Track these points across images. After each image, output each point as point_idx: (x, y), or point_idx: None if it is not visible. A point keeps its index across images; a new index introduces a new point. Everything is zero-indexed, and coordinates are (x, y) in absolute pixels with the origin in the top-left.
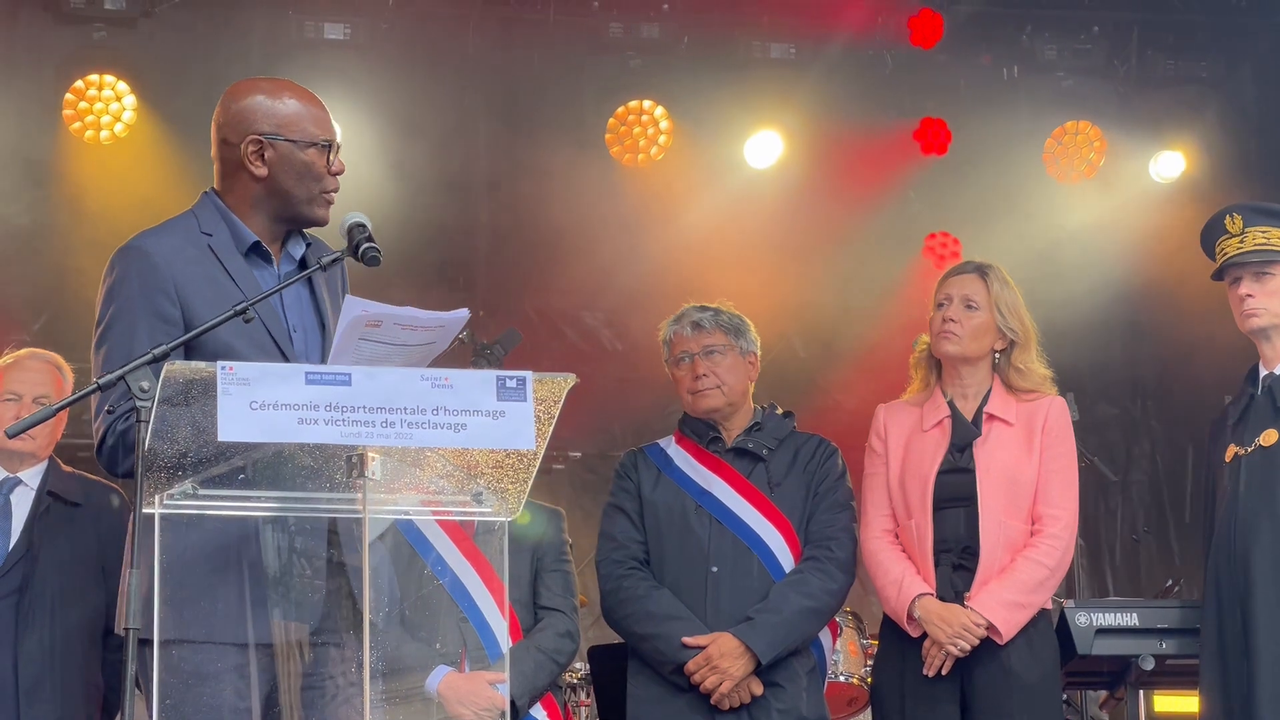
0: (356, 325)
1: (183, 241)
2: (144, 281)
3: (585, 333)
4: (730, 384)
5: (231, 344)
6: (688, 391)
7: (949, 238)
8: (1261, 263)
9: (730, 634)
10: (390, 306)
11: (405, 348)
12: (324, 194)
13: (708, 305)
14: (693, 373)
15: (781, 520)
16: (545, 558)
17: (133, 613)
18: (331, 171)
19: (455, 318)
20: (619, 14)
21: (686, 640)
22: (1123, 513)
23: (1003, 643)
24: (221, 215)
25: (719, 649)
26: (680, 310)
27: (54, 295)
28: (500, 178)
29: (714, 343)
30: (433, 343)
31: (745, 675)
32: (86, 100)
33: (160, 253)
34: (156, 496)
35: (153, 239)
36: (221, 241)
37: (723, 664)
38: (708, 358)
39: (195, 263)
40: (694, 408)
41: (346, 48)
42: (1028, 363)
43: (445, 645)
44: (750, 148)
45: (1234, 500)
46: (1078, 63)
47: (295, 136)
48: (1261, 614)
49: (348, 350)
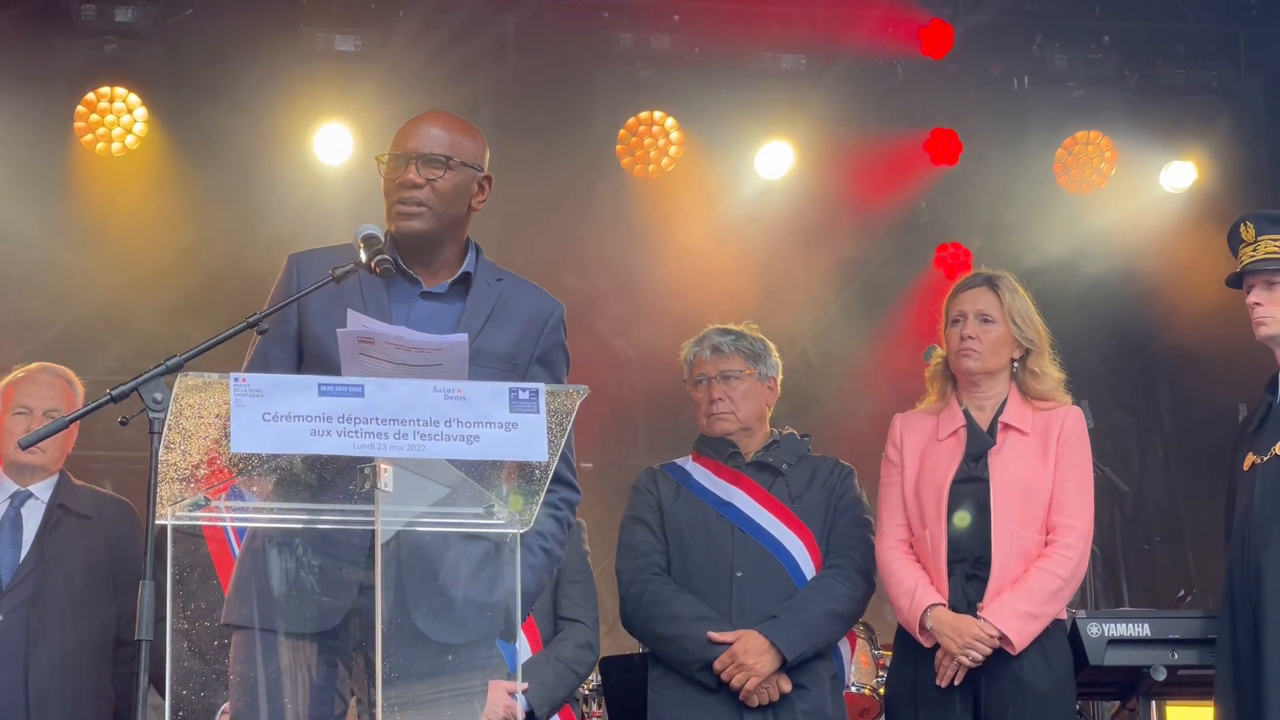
0: (350, 340)
1: (334, 257)
2: (277, 291)
3: (598, 343)
4: (745, 411)
5: (329, 347)
6: (703, 414)
7: (960, 248)
8: (1272, 271)
9: (756, 631)
10: (383, 326)
11: (406, 367)
12: (394, 206)
13: (731, 328)
14: (709, 396)
15: (803, 529)
16: (566, 568)
17: (145, 624)
18: (398, 182)
19: (451, 342)
20: (630, 25)
21: (712, 635)
22: (1138, 520)
23: (1015, 653)
24: (384, 239)
25: (744, 645)
26: (703, 331)
27: (65, 307)
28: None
29: (732, 368)
30: (439, 365)
31: (771, 671)
32: (98, 112)
33: (300, 264)
34: (169, 508)
35: (305, 253)
36: None
37: (748, 660)
38: (724, 383)
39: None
40: (709, 430)
41: (357, 60)
42: (1043, 366)
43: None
44: (761, 158)
45: (1249, 509)
46: (1088, 73)
47: (382, 161)
48: (1272, 622)
49: (352, 366)
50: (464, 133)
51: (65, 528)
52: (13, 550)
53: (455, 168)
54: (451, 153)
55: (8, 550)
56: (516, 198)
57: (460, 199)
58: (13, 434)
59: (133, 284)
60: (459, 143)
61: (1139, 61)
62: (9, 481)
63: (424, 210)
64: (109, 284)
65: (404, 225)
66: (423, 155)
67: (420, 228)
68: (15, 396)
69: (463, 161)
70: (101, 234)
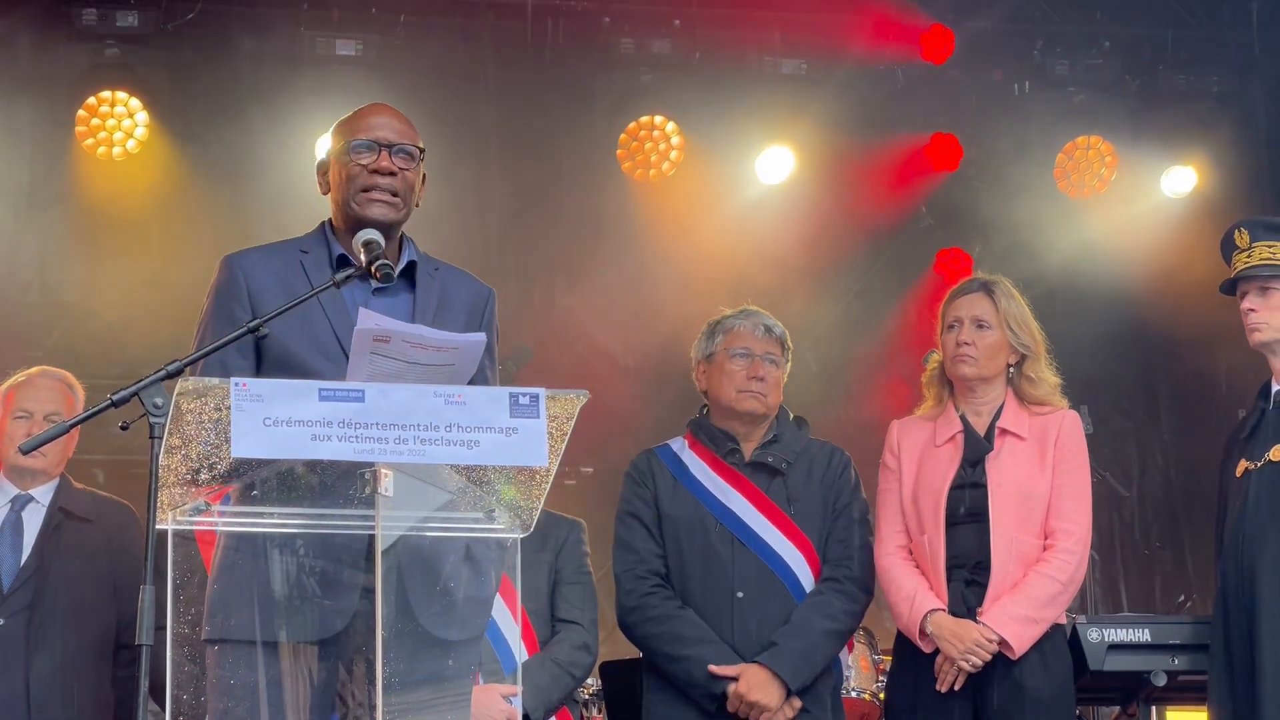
0: (365, 338)
1: (273, 256)
2: (220, 294)
3: (598, 349)
4: (773, 399)
5: (300, 354)
6: (737, 388)
7: (960, 253)
8: (1266, 278)
9: (758, 664)
10: (400, 323)
11: (419, 366)
12: (362, 192)
13: (767, 313)
14: (752, 372)
15: (802, 540)
16: (564, 569)
17: (146, 629)
18: (371, 169)
19: (469, 340)
20: (630, 30)
21: (715, 670)
22: (1137, 527)
23: (1015, 658)
24: (323, 234)
25: (748, 683)
26: (741, 307)
27: (66, 311)
28: (511, 194)
29: (775, 353)
30: (451, 364)
31: (782, 701)
32: (99, 117)
33: (243, 265)
34: (170, 512)
35: (242, 253)
36: (315, 258)
37: (758, 697)
38: (767, 363)
39: (279, 275)
40: (737, 404)
41: (358, 64)
42: (1039, 372)
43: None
44: (762, 163)
45: (1243, 515)
46: (1089, 78)
47: (334, 151)
48: (1267, 629)
49: (361, 365)
50: (414, 128)
51: (66, 532)
52: (13, 554)
53: (419, 160)
54: (418, 145)
55: (8, 554)
56: (516, 202)
57: (417, 192)
58: (13, 438)
59: (134, 288)
60: (416, 137)
61: (1140, 67)
62: (10, 485)
63: (398, 200)
64: (110, 288)
65: (381, 213)
66: (394, 145)
67: (395, 217)
68: (16, 400)
69: (422, 156)
70: (103, 238)
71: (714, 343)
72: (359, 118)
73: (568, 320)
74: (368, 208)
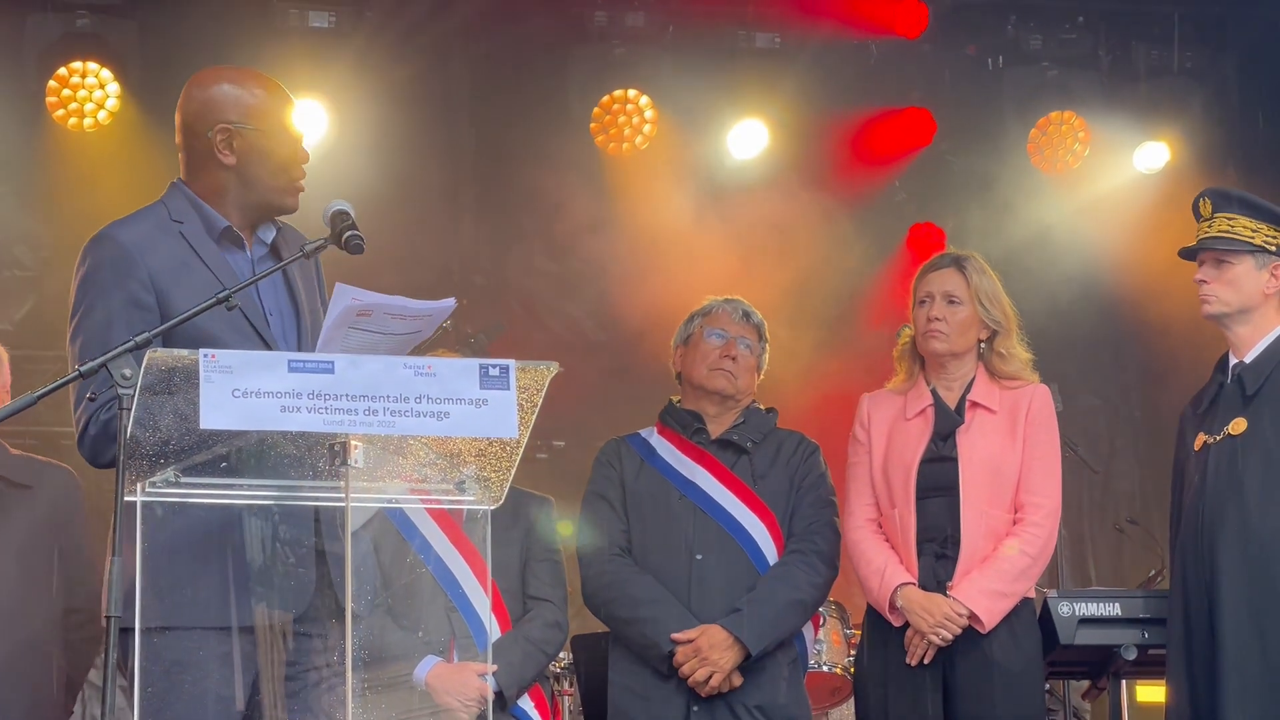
0: (348, 315)
1: (154, 229)
2: (117, 270)
3: (569, 323)
4: (744, 382)
5: (208, 329)
6: (709, 366)
7: (933, 228)
8: (1223, 250)
9: (719, 625)
10: (381, 295)
11: (391, 336)
12: (293, 183)
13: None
14: (725, 351)
15: (765, 511)
16: (534, 547)
17: (114, 601)
18: (299, 160)
19: (443, 307)
20: (603, 2)
21: (675, 635)
22: (1106, 502)
23: (985, 632)
24: (191, 203)
25: (708, 640)
26: (728, 297)
27: (37, 284)
28: (484, 166)
29: (749, 338)
30: (418, 331)
31: (734, 666)
32: (70, 88)
33: (132, 241)
34: (139, 484)
35: (124, 228)
36: (193, 229)
37: (712, 655)
38: (741, 346)
39: (168, 250)
40: (707, 381)
41: (331, 36)
42: (1010, 348)
43: (430, 634)
44: (734, 137)
45: (1201, 489)
46: (1062, 53)
47: (263, 125)
48: (1227, 603)
49: (337, 339)
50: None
51: (6, 499)
52: None
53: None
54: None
55: None
56: (489, 175)
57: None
58: None
59: None
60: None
61: (1113, 42)
62: None
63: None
64: None
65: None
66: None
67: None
68: None
69: None
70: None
71: (692, 325)
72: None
73: (539, 294)
74: (294, 196)
